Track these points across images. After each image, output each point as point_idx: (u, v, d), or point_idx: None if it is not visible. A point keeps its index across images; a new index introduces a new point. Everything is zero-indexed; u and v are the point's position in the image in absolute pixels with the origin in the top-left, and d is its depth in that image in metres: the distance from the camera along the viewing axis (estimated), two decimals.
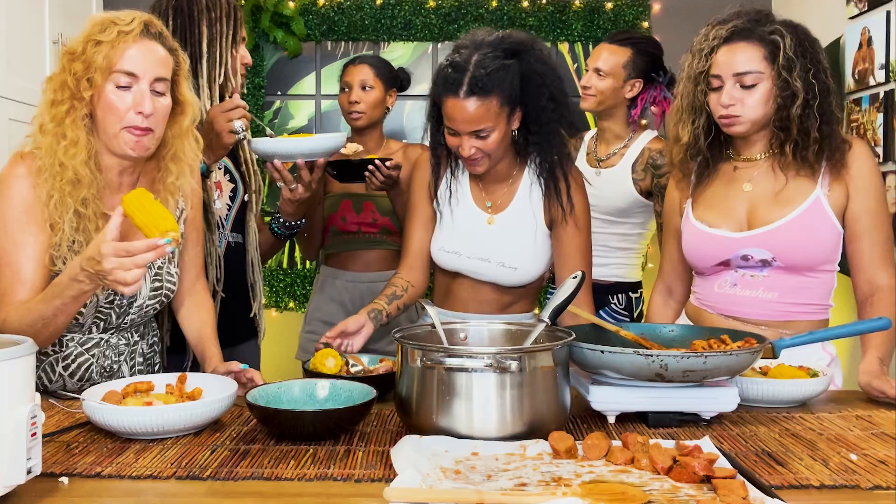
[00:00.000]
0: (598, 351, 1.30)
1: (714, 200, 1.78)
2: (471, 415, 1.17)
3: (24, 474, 0.96)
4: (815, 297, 1.72)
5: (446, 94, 1.68)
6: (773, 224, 1.68)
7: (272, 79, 3.92)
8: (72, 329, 1.56)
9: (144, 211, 1.33)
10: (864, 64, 3.17)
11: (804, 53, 1.65)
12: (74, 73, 1.46)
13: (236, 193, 2.06)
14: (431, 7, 3.83)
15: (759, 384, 1.45)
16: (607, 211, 2.52)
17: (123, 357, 1.63)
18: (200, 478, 1.08)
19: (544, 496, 0.96)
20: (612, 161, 2.54)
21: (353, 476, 1.09)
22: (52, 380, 1.57)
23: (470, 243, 1.83)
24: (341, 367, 1.58)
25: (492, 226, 1.84)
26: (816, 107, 1.64)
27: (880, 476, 1.08)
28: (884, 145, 3.04)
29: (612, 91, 2.49)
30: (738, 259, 1.72)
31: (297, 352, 2.71)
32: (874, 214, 1.68)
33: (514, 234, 1.83)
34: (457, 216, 1.87)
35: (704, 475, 1.02)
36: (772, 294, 1.71)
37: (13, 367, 0.95)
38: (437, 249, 1.87)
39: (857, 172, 1.68)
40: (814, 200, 1.67)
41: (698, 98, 1.74)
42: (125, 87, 1.48)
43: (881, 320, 1.46)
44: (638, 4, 3.89)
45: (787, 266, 1.69)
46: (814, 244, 1.68)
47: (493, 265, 1.81)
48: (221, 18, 1.89)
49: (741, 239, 1.71)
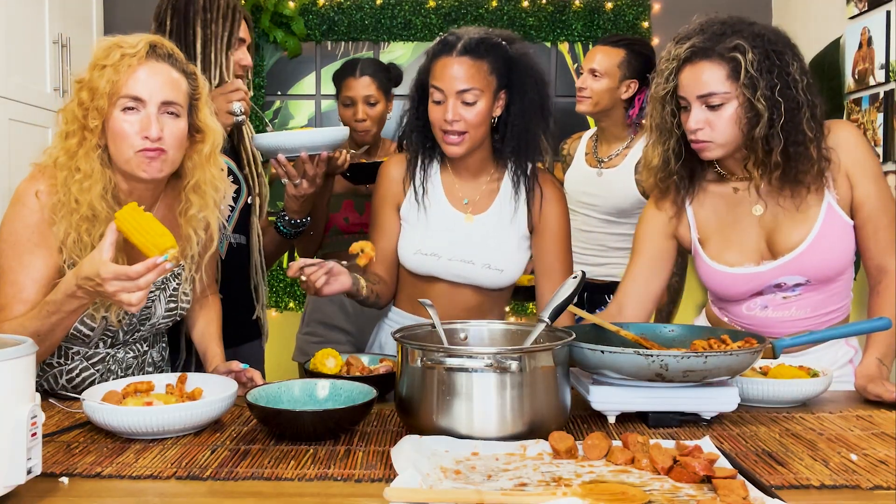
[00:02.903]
0: (598, 351, 1.30)
1: (724, 233, 1.68)
2: (471, 415, 1.17)
3: (24, 474, 0.96)
4: (842, 299, 1.68)
5: (438, 56, 1.69)
6: (799, 248, 1.60)
7: (272, 79, 3.93)
8: (75, 342, 1.53)
9: (141, 229, 1.31)
10: (864, 64, 3.17)
11: (770, 68, 1.51)
12: (82, 103, 1.42)
13: (239, 195, 2.06)
14: (431, 7, 3.83)
15: (759, 384, 1.45)
16: (608, 211, 2.53)
17: (132, 371, 1.61)
18: (200, 478, 1.08)
19: (544, 496, 0.96)
20: (614, 162, 2.55)
21: (353, 476, 1.09)
22: (54, 390, 1.56)
23: (449, 244, 1.78)
24: (341, 367, 1.58)
25: (471, 225, 1.79)
26: (782, 126, 1.51)
27: (880, 476, 1.08)
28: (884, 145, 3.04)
29: (607, 92, 2.50)
30: (771, 288, 1.65)
31: (295, 353, 2.71)
32: (875, 199, 1.60)
33: (498, 235, 1.79)
34: (431, 216, 1.80)
35: (705, 475, 1.02)
36: (803, 312, 1.65)
37: (13, 367, 0.95)
38: (412, 253, 1.79)
39: (850, 159, 1.59)
40: (827, 208, 1.60)
41: (666, 119, 1.64)
42: (132, 110, 1.42)
43: (881, 320, 1.45)
44: (638, 4, 3.89)
45: (821, 281, 1.63)
46: (840, 252, 1.61)
47: (477, 267, 1.77)
48: (217, 20, 1.87)
49: (769, 272, 1.62)
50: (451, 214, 1.81)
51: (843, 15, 3.32)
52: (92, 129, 1.43)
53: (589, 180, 2.59)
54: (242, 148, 2.07)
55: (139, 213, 1.32)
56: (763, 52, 1.52)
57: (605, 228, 2.54)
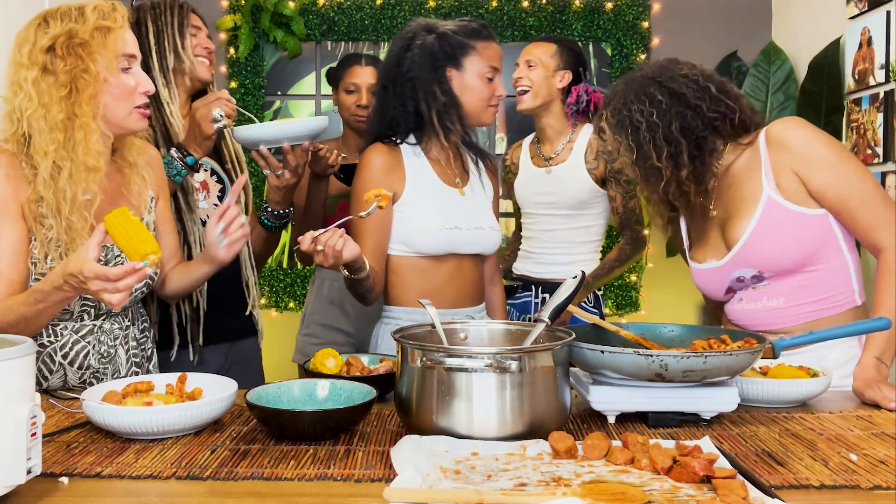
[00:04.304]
0: (598, 351, 1.30)
1: (696, 235, 1.83)
2: (471, 415, 1.17)
3: (24, 474, 0.96)
4: (828, 289, 1.66)
5: (476, 39, 1.89)
6: (740, 242, 1.67)
7: (272, 79, 3.93)
8: (62, 317, 1.57)
9: (126, 234, 1.36)
10: (864, 64, 3.17)
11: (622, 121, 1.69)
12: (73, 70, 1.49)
13: (224, 193, 2.07)
14: (431, 7, 3.83)
15: (759, 384, 1.45)
16: (568, 206, 2.57)
17: (119, 341, 1.65)
18: (200, 478, 1.08)
19: (544, 496, 0.96)
20: (562, 157, 2.61)
21: (353, 476, 1.09)
22: (52, 370, 1.57)
23: (464, 215, 1.90)
24: (341, 368, 1.58)
25: (465, 197, 1.94)
26: (667, 156, 1.66)
27: (880, 476, 1.08)
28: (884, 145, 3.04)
29: (545, 81, 2.58)
30: (735, 283, 1.73)
31: (294, 354, 2.71)
32: (836, 186, 1.60)
33: (485, 202, 1.98)
34: (437, 195, 1.90)
35: (704, 475, 1.02)
36: (776, 301, 1.68)
37: (13, 367, 0.95)
38: (437, 230, 1.85)
39: (792, 158, 1.62)
40: (766, 201, 1.64)
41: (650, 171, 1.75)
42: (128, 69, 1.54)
43: (880, 320, 1.44)
44: (638, 4, 3.89)
45: (777, 272, 1.67)
46: (789, 243, 1.64)
47: (486, 231, 1.94)
48: (165, 11, 1.97)
49: (725, 265, 1.71)
50: (449, 191, 1.93)
51: (843, 15, 3.32)
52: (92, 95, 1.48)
53: (540, 180, 2.64)
54: (224, 146, 2.09)
55: (127, 218, 1.37)
56: (614, 109, 1.72)
57: (568, 224, 2.59)
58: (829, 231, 1.65)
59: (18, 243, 1.49)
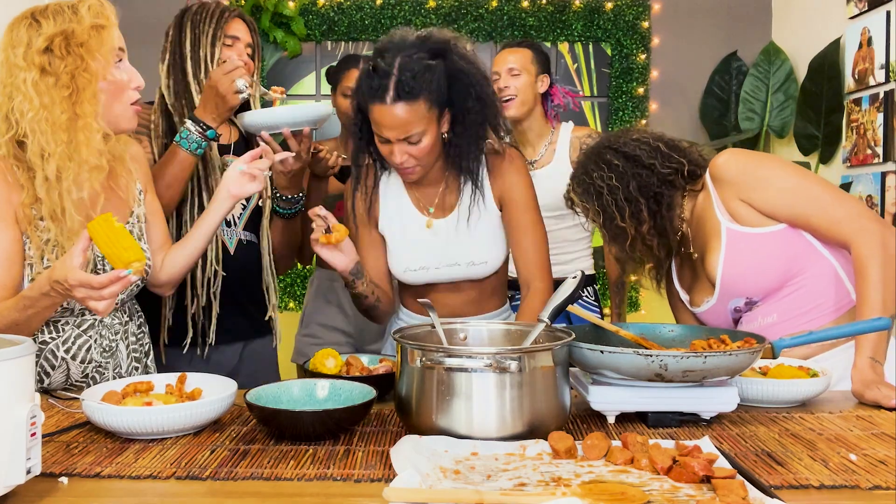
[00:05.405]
0: (597, 351, 1.30)
1: (690, 282, 1.85)
2: (470, 415, 1.17)
3: (23, 474, 0.96)
4: (819, 296, 1.66)
5: (373, 101, 1.63)
6: (718, 275, 1.70)
7: (272, 79, 3.93)
8: (63, 314, 1.58)
9: (109, 241, 1.34)
10: (864, 64, 3.17)
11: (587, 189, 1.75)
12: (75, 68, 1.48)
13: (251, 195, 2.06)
14: (431, 7, 3.83)
15: (758, 384, 1.45)
16: (558, 206, 2.58)
17: (119, 336, 1.66)
18: (200, 478, 1.08)
19: (544, 496, 0.96)
20: (545, 159, 2.66)
21: (353, 476, 1.09)
22: (54, 366, 1.57)
23: (431, 255, 1.82)
24: (341, 368, 1.58)
25: (441, 230, 1.82)
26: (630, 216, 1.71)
27: (880, 476, 1.08)
28: (884, 145, 3.04)
29: (529, 87, 2.63)
30: (734, 313, 1.76)
31: (294, 354, 2.71)
32: (780, 200, 1.65)
33: (470, 231, 1.82)
34: (407, 233, 1.84)
35: (704, 475, 1.02)
36: (770, 318, 1.70)
37: (13, 367, 0.95)
38: (403, 272, 1.85)
39: (733, 188, 1.68)
40: (726, 232, 1.69)
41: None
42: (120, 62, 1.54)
43: (880, 320, 1.44)
44: (638, 4, 3.90)
45: (766, 293, 1.69)
46: (762, 264, 1.67)
47: (463, 266, 1.83)
48: (205, 20, 1.94)
49: (717, 302, 1.74)
50: (419, 221, 1.84)
51: (843, 15, 3.32)
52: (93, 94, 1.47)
53: None
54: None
55: (110, 225, 1.34)
56: (579, 179, 1.78)
57: (560, 224, 2.60)
58: (800, 241, 1.66)
59: (11, 248, 1.48)
